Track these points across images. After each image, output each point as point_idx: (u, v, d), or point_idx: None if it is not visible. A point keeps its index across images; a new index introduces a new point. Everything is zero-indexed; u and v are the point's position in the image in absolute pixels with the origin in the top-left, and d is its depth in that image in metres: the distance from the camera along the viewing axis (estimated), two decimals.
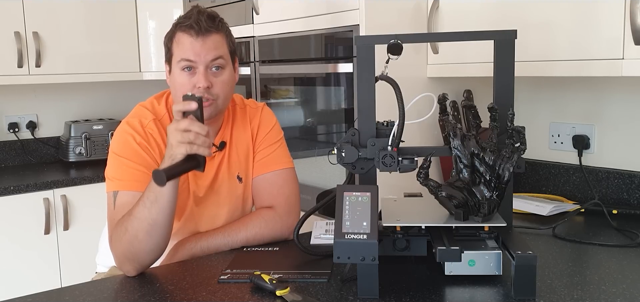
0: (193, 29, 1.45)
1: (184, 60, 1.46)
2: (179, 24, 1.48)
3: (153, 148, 1.48)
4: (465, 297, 1.17)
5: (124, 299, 1.24)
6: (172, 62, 1.50)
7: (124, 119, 1.54)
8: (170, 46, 1.50)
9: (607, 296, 1.14)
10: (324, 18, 2.02)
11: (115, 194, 1.43)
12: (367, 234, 1.13)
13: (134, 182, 1.43)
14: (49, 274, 2.72)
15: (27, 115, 3.18)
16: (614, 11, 1.48)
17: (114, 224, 1.41)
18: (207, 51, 1.46)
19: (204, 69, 1.46)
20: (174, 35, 1.49)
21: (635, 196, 1.80)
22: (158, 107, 1.56)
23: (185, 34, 1.46)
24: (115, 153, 1.48)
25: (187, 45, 1.46)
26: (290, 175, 1.63)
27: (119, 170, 1.46)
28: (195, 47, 1.46)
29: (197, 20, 1.46)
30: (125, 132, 1.49)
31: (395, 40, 1.29)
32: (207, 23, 1.46)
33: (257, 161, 1.62)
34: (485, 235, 1.26)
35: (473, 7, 1.83)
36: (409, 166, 1.25)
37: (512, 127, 1.22)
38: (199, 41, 1.46)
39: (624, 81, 1.80)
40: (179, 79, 1.48)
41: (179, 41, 1.48)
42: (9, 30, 2.78)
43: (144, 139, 1.48)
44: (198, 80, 1.46)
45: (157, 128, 1.50)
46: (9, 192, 2.60)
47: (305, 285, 1.24)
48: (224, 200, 1.59)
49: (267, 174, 1.61)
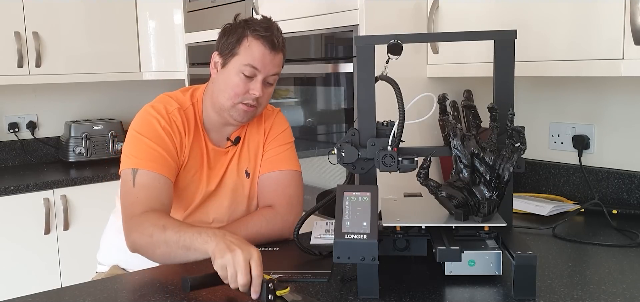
0: (269, 43, 1.51)
1: (250, 66, 1.50)
2: (254, 30, 1.51)
3: (175, 135, 1.52)
4: (465, 297, 1.17)
5: (124, 299, 1.24)
6: (230, 60, 1.52)
7: (147, 104, 1.56)
8: (237, 46, 1.52)
9: (607, 296, 1.14)
10: (324, 18, 2.02)
11: (135, 172, 1.45)
12: (367, 234, 1.13)
13: (155, 164, 1.46)
14: (48, 274, 2.72)
15: (27, 115, 3.18)
16: (613, 11, 1.48)
17: (131, 202, 1.43)
18: (272, 67, 1.53)
19: (262, 80, 1.52)
20: (244, 37, 1.51)
21: (635, 196, 1.80)
22: (183, 98, 1.59)
23: (261, 43, 1.51)
24: (137, 132, 1.51)
25: (259, 54, 1.50)
26: (296, 177, 1.64)
27: (140, 148, 1.48)
28: (266, 60, 1.51)
29: (276, 36, 1.52)
30: (150, 115, 1.52)
31: (395, 40, 1.29)
32: (280, 42, 1.54)
33: (265, 159, 1.64)
34: (485, 235, 1.26)
35: (473, 7, 1.83)
36: (409, 166, 1.25)
37: (512, 127, 1.22)
38: (271, 55, 1.52)
39: (624, 81, 1.80)
40: (234, 79, 1.51)
41: (251, 46, 1.51)
42: (9, 30, 2.78)
43: (168, 124, 1.51)
44: (255, 88, 1.52)
45: (181, 117, 1.54)
46: (9, 192, 2.60)
47: (305, 285, 1.24)
48: (231, 193, 1.61)
49: (273, 173, 1.62)
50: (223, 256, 1.18)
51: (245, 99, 1.52)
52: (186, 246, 1.30)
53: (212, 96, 1.57)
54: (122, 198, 1.48)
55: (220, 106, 1.55)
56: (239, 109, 1.53)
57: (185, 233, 1.31)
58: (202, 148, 1.58)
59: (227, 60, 1.54)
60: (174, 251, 1.33)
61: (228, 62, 1.53)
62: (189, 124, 1.55)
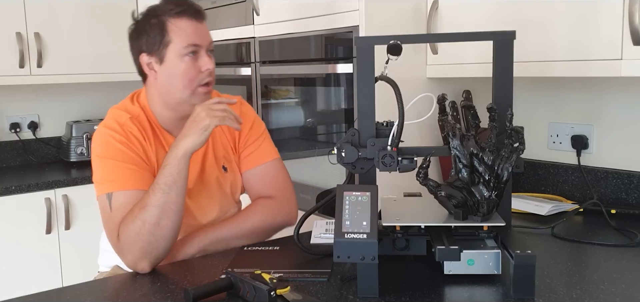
0: (194, 14, 1.48)
1: (191, 45, 1.46)
2: (171, 11, 1.47)
3: (134, 145, 1.47)
4: (465, 296, 1.17)
5: (124, 299, 1.24)
6: (165, 52, 1.47)
7: (100, 124, 1.53)
8: (165, 35, 1.46)
9: (605, 296, 1.14)
10: (324, 19, 2.02)
11: (110, 196, 1.42)
12: (367, 234, 1.14)
13: (127, 181, 1.43)
14: (50, 273, 2.73)
15: (29, 116, 3.19)
16: (612, 12, 1.48)
17: (113, 226, 1.40)
18: (207, 34, 1.51)
19: (206, 52, 1.49)
20: (166, 22, 1.46)
21: (633, 196, 1.80)
22: (132, 107, 1.55)
23: (186, 18, 1.47)
24: (100, 157, 1.47)
25: (191, 29, 1.47)
26: (280, 165, 1.66)
27: (108, 172, 1.45)
28: (200, 31, 1.48)
29: (194, 5, 1.48)
30: (106, 134, 1.48)
31: (394, 40, 1.29)
32: (200, 8, 1.51)
33: (247, 156, 1.64)
34: (484, 234, 1.26)
35: (472, 7, 1.84)
36: (408, 166, 1.26)
37: (511, 127, 1.23)
38: (201, 25, 1.49)
39: (623, 81, 1.80)
40: (181, 67, 1.47)
41: (179, 26, 1.46)
42: (11, 30, 2.78)
43: (124, 137, 1.47)
44: (204, 63, 1.48)
45: (136, 126, 1.50)
46: (11, 192, 2.61)
47: (305, 284, 1.24)
48: (214, 191, 1.60)
49: (258, 168, 1.63)
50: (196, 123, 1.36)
51: (201, 80, 1.48)
52: (168, 184, 1.35)
53: (161, 96, 1.52)
54: (104, 225, 1.44)
55: (177, 101, 1.50)
56: (198, 93, 1.49)
57: (157, 182, 1.36)
58: (167, 150, 1.50)
59: (162, 54, 1.47)
60: (165, 200, 1.34)
61: (164, 55, 1.47)
62: (145, 130, 1.51)
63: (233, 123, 1.40)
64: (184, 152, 1.38)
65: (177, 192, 1.37)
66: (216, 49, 2.63)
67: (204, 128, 1.37)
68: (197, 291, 1.16)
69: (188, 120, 1.41)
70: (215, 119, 1.37)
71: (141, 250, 1.35)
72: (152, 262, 1.37)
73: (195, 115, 1.39)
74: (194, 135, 1.38)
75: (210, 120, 1.37)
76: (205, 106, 1.40)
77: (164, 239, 1.37)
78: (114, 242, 1.41)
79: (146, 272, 1.36)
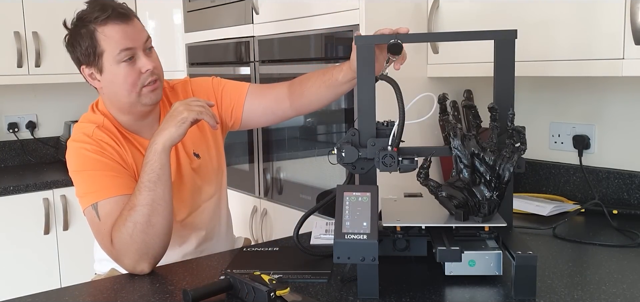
0: (118, 18, 1.43)
1: (124, 50, 1.43)
2: (96, 19, 1.42)
3: (109, 151, 1.46)
4: (466, 297, 1.17)
5: (124, 299, 1.24)
6: (101, 61, 1.45)
7: (69, 140, 1.52)
8: (96, 45, 1.44)
9: (607, 296, 1.14)
10: (324, 18, 2.01)
11: (96, 206, 1.40)
12: (367, 234, 1.13)
13: (110, 188, 1.41)
14: (48, 274, 2.72)
15: (27, 116, 3.18)
16: (614, 11, 1.47)
17: (104, 234, 1.39)
18: (139, 33, 1.47)
19: (143, 53, 1.46)
20: (94, 32, 1.43)
21: (635, 196, 1.79)
22: (95, 117, 1.53)
23: (112, 25, 1.43)
24: (77, 171, 1.47)
25: (120, 34, 1.43)
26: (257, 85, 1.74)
27: (88, 183, 1.44)
28: (129, 33, 1.44)
29: (117, 8, 1.45)
30: (77, 148, 1.47)
31: (395, 40, 1.29)
32: (126, 8, 1.47)
33: (230, 104, 1.67)
34: (485, 235, 1.26)
35: (473, 7, 1.83)
36: (409, 166, 1.25)
37: (512, 127, 1.22)
38: (129, 27, 1.45)
39: (624, 81, 1.80)
40: (121, 73, 1.44)
41: (107, 34, 1.42)
42: (9, 30, 2.78)
43: (97, 146, 1.45)
44: (144, 64, 1.46)
45: (104, 133, 1.48)
46: (9, 192, 2.61)
47: (305, 285, 1.24)
48: (189, 179, 1.59)
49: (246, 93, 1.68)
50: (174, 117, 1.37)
51: (144, 81, 1.46)
52: (153, 180, 1.34)
53: (113, 104, 1.52)
54: (96, 236, 1.43)
55: (128, 104, 1.49)
56: (145, 93, 1.47)
57: (141, 181, 1.35)
58: (141, 150, 1.51)
59: (99, 65, 1.45)
60: (153, 198, 1.34)
61: (102, 65, 1.45)
62: (115, 135, 1.50)
63: (210, 119, 1.39)
64: (163, 147, 1.37)
65: (163, 187, 1.36)
66: (215, 48, 2.63)
67: (182, 120, 1.36)
68: (196, 292, 1.15)
69: (166, 116, 1.41)
70: (192, 112, 1.37)
71: (137, 252, 1.34)
72: (150, 262, 1.36)
73: (173, 110, 1.40)
74: (172, 128, 1.37)
75: (188, 113, 1.37)
76: (183, 101, 1.41)
77: (158, 236, 1.36)
78: (108, 250, 1.39)
79: (146, 273, 1.35)
